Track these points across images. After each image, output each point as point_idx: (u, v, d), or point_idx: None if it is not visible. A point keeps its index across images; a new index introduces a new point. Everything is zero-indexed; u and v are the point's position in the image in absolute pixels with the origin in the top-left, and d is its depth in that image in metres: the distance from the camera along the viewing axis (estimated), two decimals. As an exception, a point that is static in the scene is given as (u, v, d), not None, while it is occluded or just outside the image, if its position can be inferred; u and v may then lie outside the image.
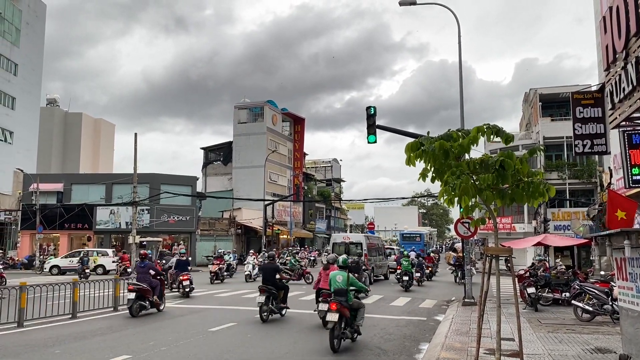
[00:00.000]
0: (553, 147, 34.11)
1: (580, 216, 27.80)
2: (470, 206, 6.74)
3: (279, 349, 8.95)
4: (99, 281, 14.32)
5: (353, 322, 9.32)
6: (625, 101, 9.81)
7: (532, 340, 9.29)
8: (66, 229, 38.52)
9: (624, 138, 10.87)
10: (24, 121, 47.60)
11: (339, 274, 9.69)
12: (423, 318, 13.13)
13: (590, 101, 13.55)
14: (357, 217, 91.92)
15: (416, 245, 44.09)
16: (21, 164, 42.24)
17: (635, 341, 6.59)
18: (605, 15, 10.60)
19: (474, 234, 16.88)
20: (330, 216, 70.16)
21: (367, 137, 16.11)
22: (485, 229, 32.24)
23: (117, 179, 39.30)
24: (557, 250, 22.57)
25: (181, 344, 9.34)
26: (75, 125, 65.31)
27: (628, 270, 6.83)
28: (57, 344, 9.32)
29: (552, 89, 34.81)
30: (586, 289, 12.24)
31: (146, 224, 38.05)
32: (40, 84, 51.71)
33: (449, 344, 8.98)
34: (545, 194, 6.23)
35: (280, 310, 12.69)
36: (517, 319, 6.50)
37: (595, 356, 8.05)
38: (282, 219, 52.03)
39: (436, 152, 6.36)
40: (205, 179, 56.78)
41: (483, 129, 6.51)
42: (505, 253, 7.16)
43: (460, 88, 16.75)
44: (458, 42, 16.81)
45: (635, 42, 9.23)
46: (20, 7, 47.92)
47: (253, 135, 53.64)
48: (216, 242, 42.83)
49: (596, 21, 15.18)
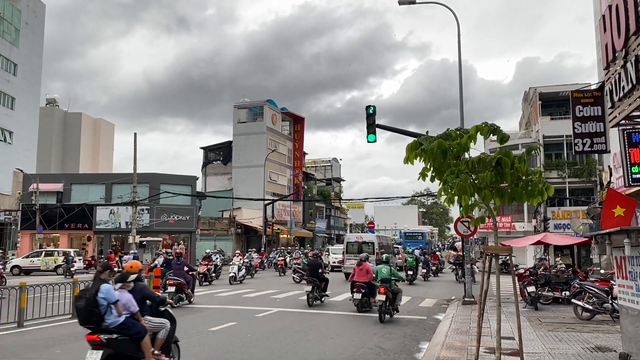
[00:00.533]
0: (553, 146, 34.10)
1: (580, 215, 27.78)
2: (470, 205, 6.75)
3: (279, 349, 8.95)
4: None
5: (394, 302, 12.51)
6: (625, 100, 9.80)
7: (532, 339, 9.29)
8: (66, 229, 38.51)
9: (623, 137, 10.85)
10: (24, 121, 47.57)
11: (384, 267, 12.93)
12: (423, 317, 13.13)
13: (590, 100, 13.54)
14: (357, 217, 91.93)
15: (418, 243, 45.30)
16: (21, 164, 42.21)
17: (636, 339, 6.59)
18: (605, 13, 10.59)
19: (474, 233, 16.91)
20: (330, 215, 70.17)
21: (366, 137, 16.17)
22: (485, 227, 32.29)
23: (116, 179, 39.30)
24: (557, 249, 22.59)
25: (181, 343, 9.32)
26: (74, 125, 65.28)
27: (628, 268, 6.84)
28: (57, 344, 9.32)
29: (552, 88, 34.81)
30: (586, 287, 12.24)
31: (146, 224, 38.04)
32: (39, 84, 51.67)
33: (449, 342, 8.99)
34: (544, 192, 6.23)
35: (321, 297, 15.41)
36: (517, 318, 6.50)
37: (596, 355, 8.05)
38: (282, 219, 52.05)
39: (435, 151, 6.37)
40: (205, 179, 56.78)
41: (481, 127, 6.52)
42: (505, 252, 7.17)
43: (460, 87, 16.76)
44: (458, 41, 16.84)
45: (635, 40, 9.23)
46: (20, 7, 47.87)
47: (253, 135, 53.65)
48: (216, 241, 42.84)
49: (596, 20, 15.18)
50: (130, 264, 6.97)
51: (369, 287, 13.29)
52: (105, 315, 5.90)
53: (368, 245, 26.83)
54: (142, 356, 6.16)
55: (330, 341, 9.67)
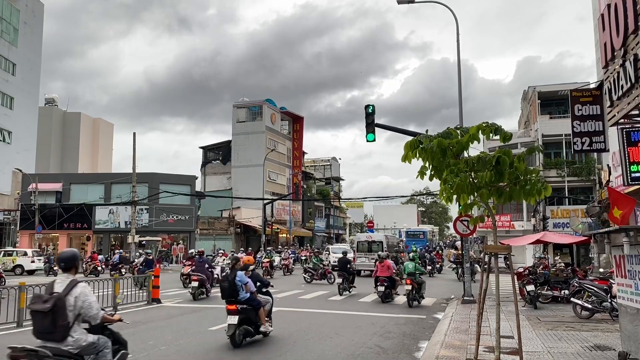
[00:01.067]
0: (552, 145, 34.10)
1: (579, 214, 27.80)
2: (469, 204, 6.76)
3: (279, 348, 8.96)
4: (99, 281, 14.30)
5: (419, 291, 15.12)
6: (624, 98, 9.81)
7: (531, 338, 9.30)
8: (65, 228, 38.52)
9: (622, 135, 10.86)
10: (23, 121, 47.53)
11: (410, 264, 15.70)
12: (422, 316, 13.13)
13: (588, 99, 13.56)
14: (356, 216, 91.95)
15: (420, 241, 46.46)
16: (20, 164, 42.18)
17: (635, 338, 6.60)
18: (604, 12, 10.59)
19: (473, 232, 16.93)
20: (330, 215, 70.18)
21: (365, 136, 16.19)
22: (484, 226, 32.32)
23: (116, 179, 39.30)
24: (556, 247, 22.62)
25: (181, 343, 9.34)
26: (73, 124, 65.21)
27: (627, 267, 6.84)
28: (57, 343, 9.31)
29: (551, 87, 34.80)
30: (585, 286, 12.25)
31: (145, 224, 38.05)
32: (38, 84, 51.62)
33: (449, 342, 8.99)
34: (542, 191, 6.25)
35: (350, 288, 18.04)
36: (516, 317, 6.51)
37: (595, 353, 8.06)
38: (282, 218, 52.05)
39: (434, 150, 6.37)
40: (204, 178, 56.76)
41: (482, 126, 6.53)
42: (505, 251, 7.18)
43: (459, 86, 16.78)
44: (457, 40, 16.87)
45: (634, 39, 9.23)
46: (18, 7, 47.81)
47: (252, 134, 53.62)
48: (215, 241, 42.85)
49: (595, 19, 15.18)
50: (247, 259, 10.10)
51: (390, 281, 15.91)
52: (239, 292, 9.01)
53: (377, 244, 27.87)
54: (258, 320, 9.30)
55: (329, 340, 9.68)
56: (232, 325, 8.83)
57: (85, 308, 4.50)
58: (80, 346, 4.49)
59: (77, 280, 4.60)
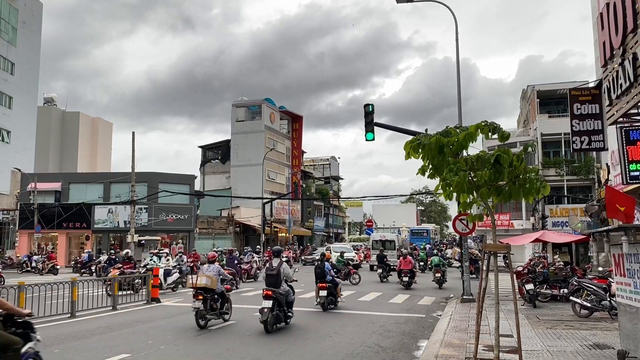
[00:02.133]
0: (551, 144, 34.15)
1: (579, 212, 27.85)
2: (468, 202, 6.77)
3: (278, 347, 8.96)
4: (98, 280, 14.32)
5: (443, 277, 20.93)
6: (623, 97, 9.82)
7: (530, 337, 9.31)
8: (64, 228, 38.44)
9: (621, 134, 10.89)
10: (21, 120, 47.47)
11: (435, 258, 22.55)
12: (422, 315, 13.14)
13: (587, 98, 13.59)
14: (355, 215, 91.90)
15: (423, 239, 48.47)
16: (19, 164, 42.13)
17: (634, 337, 6.61)
18: (603, 11, 10.60)
19: (472, 231, 16.93)
20: (329, 214, 70.18)
21: (365, 135, 16.17)
22: (483, 225, 32.38)
23: (115, 178, 39.21)
24: (555, 246, 22.63)
25: (180, 342, 9.34)
26: (72, 124, 65.10)
27: (626, 266, 6.86)
28: (56, 343, 9.31)
29: (550, 86, 34.83)
30: (584, 285, 12.27)
31: (144, 223, 38.00)
32: (37, 83, 51.56)
33: (448, 340, 9.00)
34: (541, 190, 6.26)
35: (387, 277, 23.48)
36: (515, 316, 6.52)
37: (594, 352, 8.08)
38: (281, 217, 52.03)
39: (432, 147, 6.40)
40: (203, 178, 56.71)
41: (481, 125, 6.54)
42: (504, 250, 7.19)
43: (458, 85, 16.77)
44: (455, 39, 16.85)
45: (632, 38, 9.24)
46: (17, 6, 47.73)
47: (251, 134, 53.58)
48: (215, 240, 42.83)
49: (594, 18, 15.19)
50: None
51: (410, 272, 20.16)
52: (326, 275, 13.48)
53: (390, 243, 32.78)
54: (337, 294, 13.78)
55: (329, 339, 9.68)
56: (322, 296, 13.39)
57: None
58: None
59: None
